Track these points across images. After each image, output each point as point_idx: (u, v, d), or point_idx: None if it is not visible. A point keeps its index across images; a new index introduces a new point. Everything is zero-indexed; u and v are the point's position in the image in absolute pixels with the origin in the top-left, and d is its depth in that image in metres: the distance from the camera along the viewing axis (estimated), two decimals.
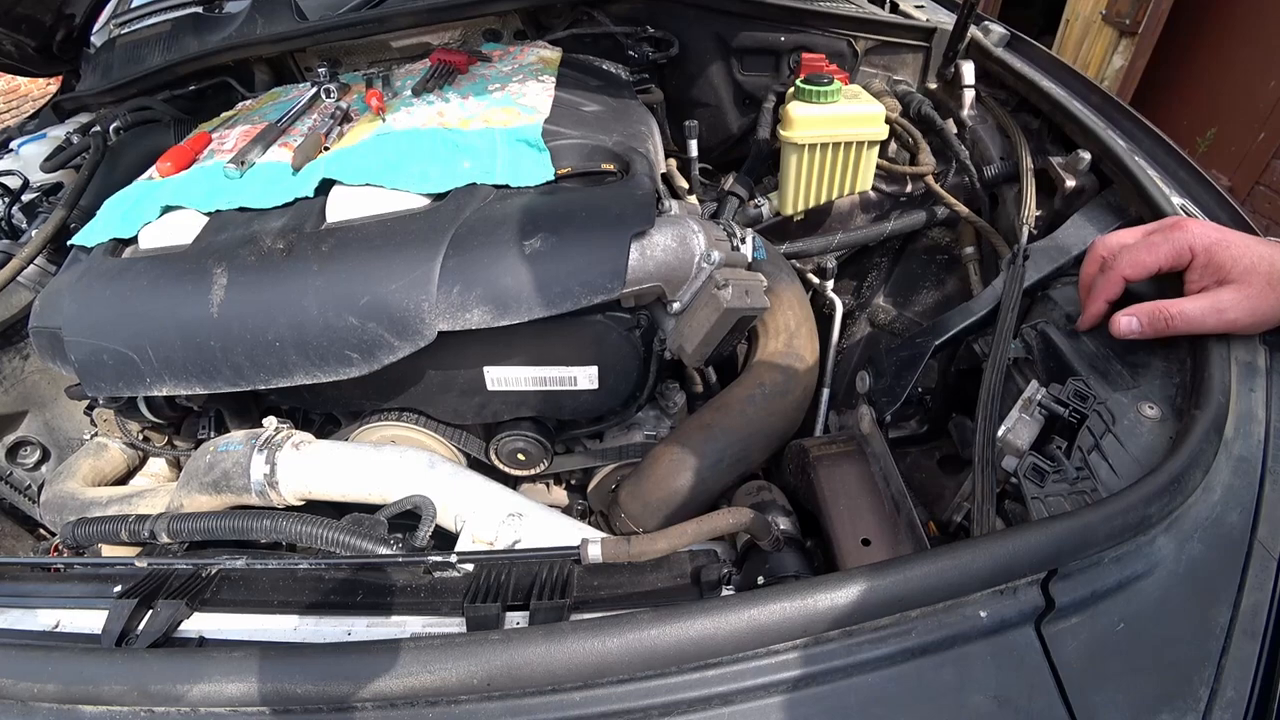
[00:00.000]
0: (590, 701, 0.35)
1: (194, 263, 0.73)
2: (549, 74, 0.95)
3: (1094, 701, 0.39)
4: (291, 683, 0.37)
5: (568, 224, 0.67)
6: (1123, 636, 0.42)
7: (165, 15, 1.42)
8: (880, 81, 1.11)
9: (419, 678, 0.36)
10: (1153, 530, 0.45)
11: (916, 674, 0.37)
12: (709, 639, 0.35)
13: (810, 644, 0.36)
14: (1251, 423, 0.54)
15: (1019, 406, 0.57)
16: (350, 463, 0.72)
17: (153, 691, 0.40)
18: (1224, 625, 0.42)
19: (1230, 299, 0.56)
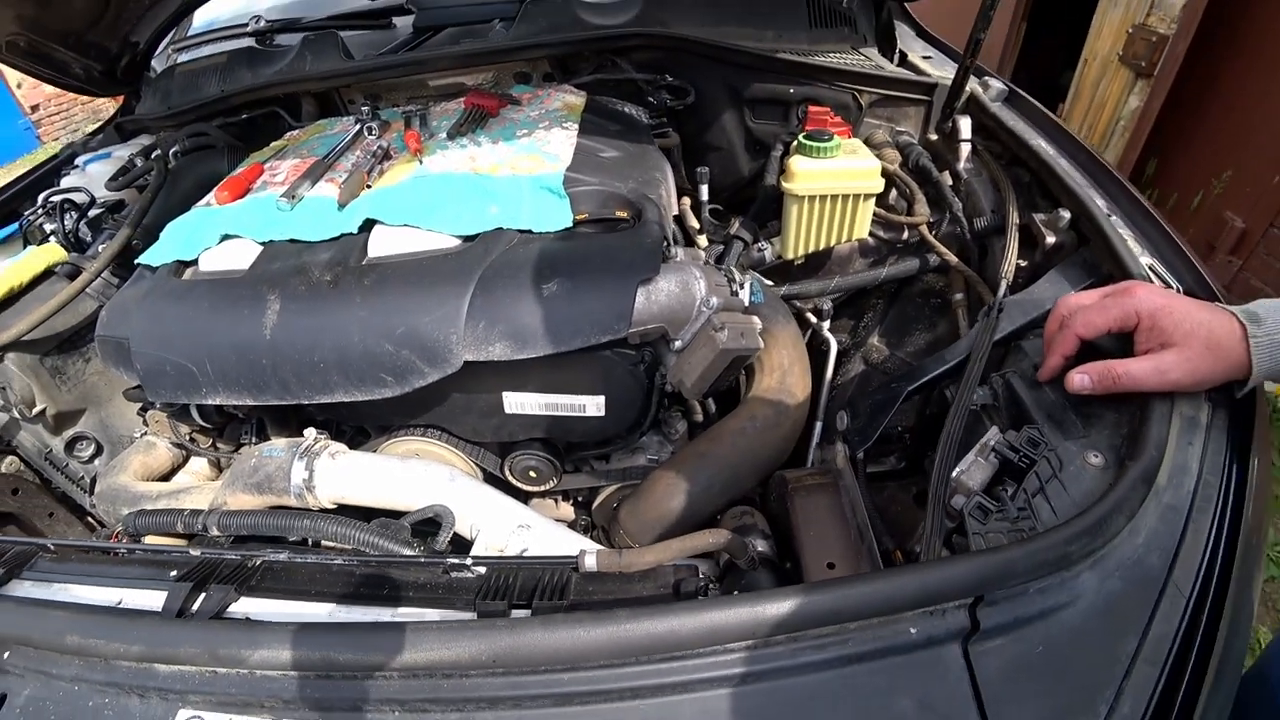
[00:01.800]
0: (574, 681, 0.44)
1: (250, 288, 0.84)
2: (573, 121, 1.05)
3: (1006, 712, 0.46)
4: (335, 652, 0.46)
5: (582, 269, 0.76)
6: (1040, 658, 0.49)
7: (221, 46, 1.57)
8: (883, 132, 1.19)
9: (438, 653, 0.45)
10: (1077, 566, 0.53)
11: (851, 678, 0.45)
12: (672, 634, 0.44)
13: (758, 645, 0.45)
14: (1184, 475, 0.61)
15: (975, 450, 0.65)
16: (380, 473, 0.81)
17: (220, 654, 0.49)
18: (1130, 653, 0.49)
19: (1171, 361, 0.63)
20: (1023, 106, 1.17)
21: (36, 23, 1.33)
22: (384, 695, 0.48)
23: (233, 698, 0.51)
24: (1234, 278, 2.43)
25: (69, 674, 0.56)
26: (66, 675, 0.56)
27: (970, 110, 1.14)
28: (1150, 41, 2.42)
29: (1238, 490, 0.60)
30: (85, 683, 0.56)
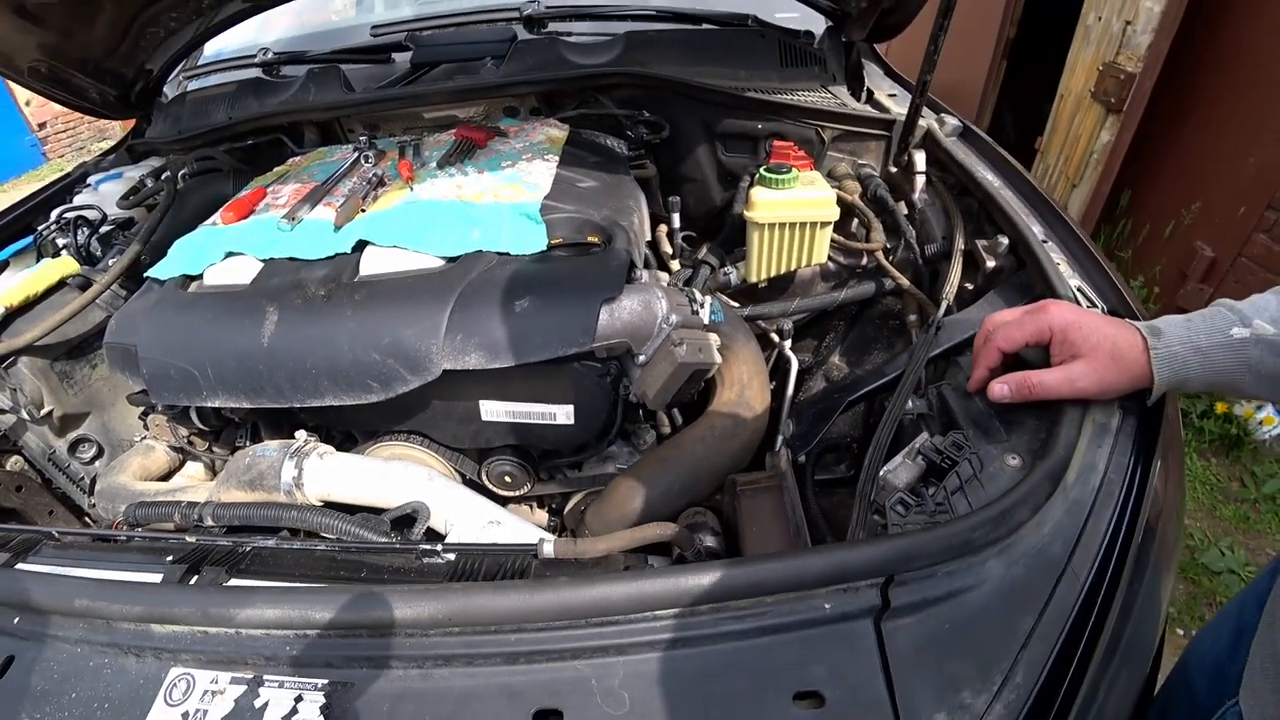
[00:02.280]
0: (520, 642, 0.50)
1: (250, 301, 0.92)
2: (554, 153, 1.14)
3: (910, 681, 0.52)
4: (313, 611, 0.53)
5: (552, 287, 0.84)
6: (946, 635, 0.55)
7: (230, 75, 1.67)
8: (846, 165, 1.29)
9: (402, 612, 0.51)
10: (984, 553, 0.59)
11: (768, 648, 0.52)
12: (605, 599, 0.50)
13: (684, 614, 0.51)
14: (1091, 473, 0.67)
15: (903, 453, 0.72)
16: (364, 473, 0.88)
17: (211, 614, 0.55)
18: (1027, 630, 0.55)
19: (1080, 371, 0.70)
20: (975, 142, 1.26)
21: (58, 50, 1.44)
22: (354, 652, 0.54)
23: (220, 655, 0.57)
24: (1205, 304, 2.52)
25: (73, 636, 0.62)
26: (71, 638, 0.62)
27: (926, 145, 1.24)
28: (1119, 79, 2.54)
29: (1139, 487, 0.67)
30: (87, 644, 0.62)
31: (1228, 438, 2.08)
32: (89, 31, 1.43)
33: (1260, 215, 2.30)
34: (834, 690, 0.50)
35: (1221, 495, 1.94)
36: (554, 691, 0.50)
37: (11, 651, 0.64)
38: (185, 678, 0.57)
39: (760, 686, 0.50)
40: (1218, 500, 1.93)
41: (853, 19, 1.37)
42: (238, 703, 0.54)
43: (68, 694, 0.60)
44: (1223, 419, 2.12)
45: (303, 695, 0.54)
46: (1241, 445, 2.08)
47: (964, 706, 0.49)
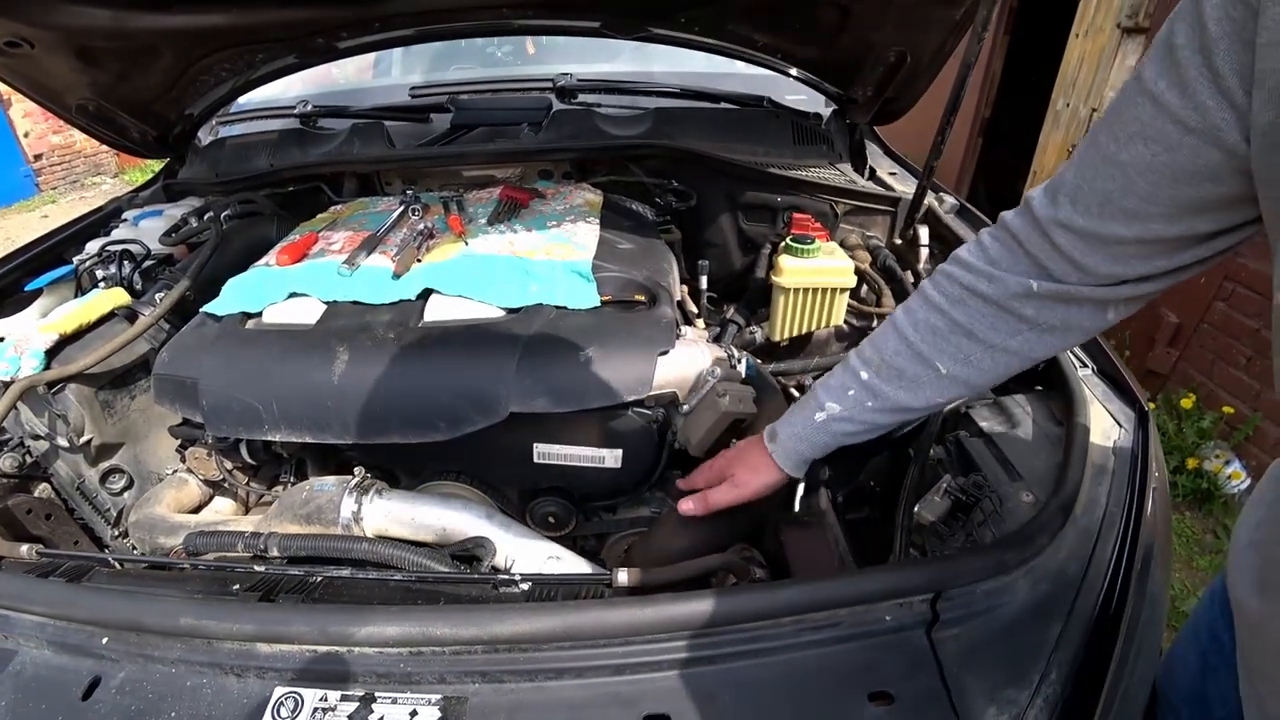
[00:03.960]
0: (628, 654, 0.58)
1: (319, 340, 0.99)
2: (594, 216, 1.27)
3: (965, 682, 0.61)
4: (434, 628, 0.59)
5: (611, 340, 0.94)
6: (987, 641, 0.64)
7: (267, 124, 1.78)
8: (856, 236, 1.44)
9: (520, 627, 0.58)
10: (1013, 573, 0.69)
11: (842, 654, 0.60)
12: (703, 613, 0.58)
13: (770, 626, 0.59)
14: (1095, 506, 0.79)
15: (932, 492, 0.82)
16: (424, 509, 0.94)
17: (330, 632, 0.61)
18: (1055, 636, 0.65)
19: (737, 480, 0.84)
20: (970, 218, 1.43)
21: (110, 91, 1.53)
22: (467, 668, 0.60)
23: (329, 674, 0.62)
24: (1173, 367, 2.75)
25: (171, 656, 0.67)
26: (168, 658, 0.67)
27: (928, 220, 1.40)
28: None
29: (1135, 517, 0.78)
30: (185, 664, 0.66)
31: (1199, 492, 2.26)
32: (144, 76, 1.53)
33: (1219, 285, 2.56)
34: (901, 690, 0.58)
35: (1197, 547, 2.10)
36: (660, 698, 0.57)
37: (98, 673, 0.67)
38: (292, 696, 0.62)
39: (839, 688, 0.58)
40: (1194, 552, 2.08)
41: (858, 104, 1.55)
42: (350, 719, 0.60)
43: (165, 713, 0.63)
44: (1194, 474, 2.29)
45: (417, 710, 0.59)
46: (1213, 499, 2.25)
47: (1011, 701, 0.58)
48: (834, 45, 1.44)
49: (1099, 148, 0.57)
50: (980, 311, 0.68)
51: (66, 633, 0.69)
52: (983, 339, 0.69)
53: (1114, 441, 0.88)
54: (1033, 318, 0.66)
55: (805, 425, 0.80)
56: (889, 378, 0.74)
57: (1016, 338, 0.68)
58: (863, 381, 0.75)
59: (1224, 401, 2.57)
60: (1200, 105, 0.48)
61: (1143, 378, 2.84)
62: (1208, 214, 0.54)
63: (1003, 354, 0.69)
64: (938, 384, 0.72)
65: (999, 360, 0.70)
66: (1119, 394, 0.97)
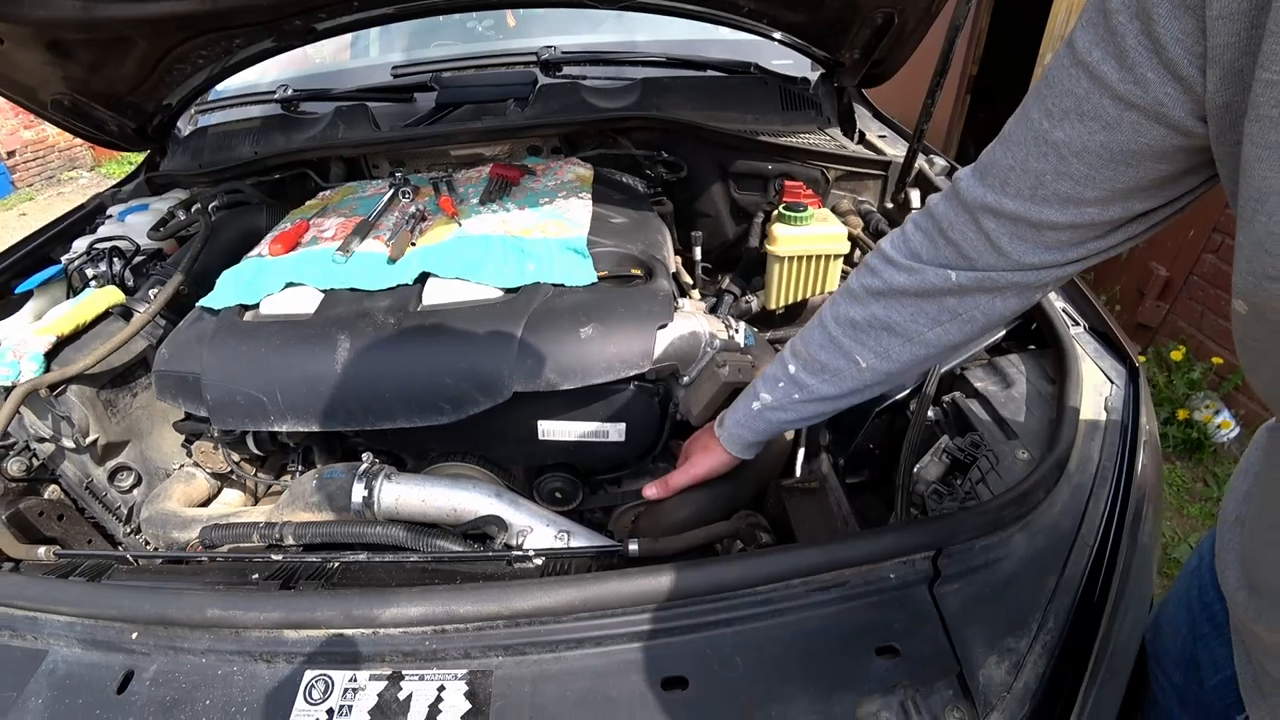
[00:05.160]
0: (643, 622, 0.59)
1: (320, 329, 0.99)
2: (586, 191, 1.26)
3: (966, 633, 0.63)
4: (457, 606, 0.61)
5: (611, 316, 0.94)
6: (988, 595, 0.67)
7: (247, 110, 1.74)
8: (848, 201, 1.44)
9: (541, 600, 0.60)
10: (1010, 528, 0.71)
11: (850, 611, 0.62)
12: (719, 579, 0.60)
13: (780, 588, 0.61)
14: (1088, 462, 0.80)
15: (930, 453, 0.84)
16: (434, 490, 0.96)
17: (355, 615, 0.63)
18: (1051, 588, 0.67)
19: (693, 463, 0.89)
20: None
21: (85, 84, 1.49)
22: (490, 643, 0.62)
23: (355, 655, 0.64)
24: (1163, 320, 2.78)
25: (200, 647, 0.68)
26: (198, 649, 0.68)
27: (919, 183, 1.40)
28: None
29: (1127, 471, 0.80)
30: (215, 653, 0.68)
31: (1190, 442, 2.31)
32: (118, 67, 1.50)
33: (1207, 237, 2.58)
34: (906, 644, 0.60)
35: (1188, 495, 2.15)
36: (677, 662, 0.59)
37: (130, 666, 0.69)
38: (322, 679, 0.64)
39: (847, 644, 0.60)
40: (1184, 500, 2.13)
41: (845, 67, 1.54)
42: (381, 697, 0.61)
43: (200, 701, 0.65)
44: (1184, 424, 2.34)
45: (445, 685, 0.61)
46: (1203, 448, 2.30)
47: (1010, 649, 0.60)
48: (821, 8, 1.42)
49: (1031, 124, 0.51)
50: (899, 305, 0.66)
51: (95, 630, 0.71)
52: (902, 333, 0.67)
53: (1106, 398, 0.90)
54: (954, 308, 0.64)
55: (745, 414, 0.83)
56: (813, 370, 0.74)
57: (935, 329, 0.66)
58: (790, 375, 0.76)
59: (1213, 352, 2.61)
60: (1140, 78, 0.42)
61: (1133, 331, 2.87)
62: (1147, 193, 0.49)
63: (920, 346, 0.67)
64: (858, 377, 0.72)
65: (916, 353, 0.68)
66: (1110, 351, 0.99)
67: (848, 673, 0.59)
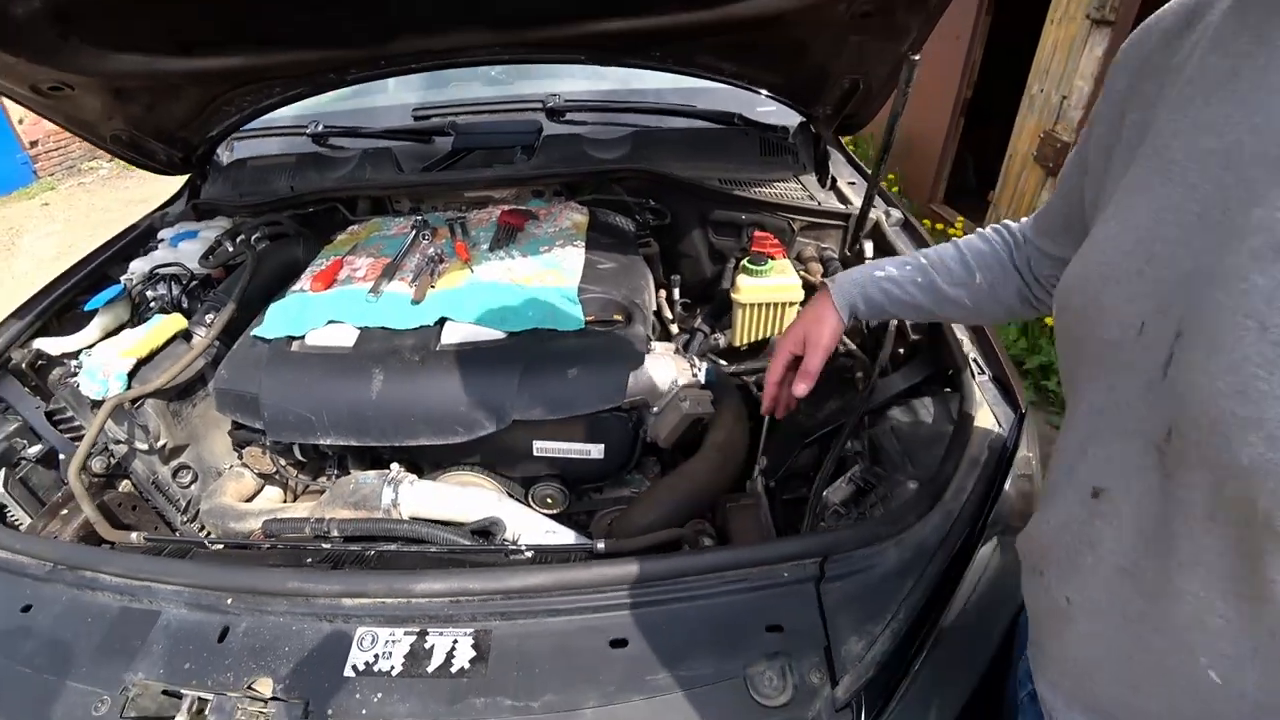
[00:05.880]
0: (600, 599, 0.88)
1: (358, 362, 1.28)
2: (580, 239, 1.53)
3: (837, 619, 0.91)
4: (469, 583, 0.89)
5: (593, 359, 1.23)
6: (859, 592, 0.94)
7: (280, 143, 2.03)
8: (812, 248, 1.70)
9: (527, 581, 0.89)
10: (885, 543, 0.98)
11: (752, 599, 0.90)
12: (655, 570, 0.88)
13: (702, 579, 0.89)
14: (961, 493, 1.07)
15: (842, 479, 1.12)
16: (448, 495, 1.24)
17: (395, 587, 0.91)
18: (908, 589, 0.95)
19: (817, 340, 1.04)
20: (913, 233, 1.69)
21: (141, 122, 1.79)
22: (491, 610, 0.91)
23: (395, 617, 0.93)
24: None
25: (279, 610, 0.97)
26: (278, 611, 0.97)
27: (874, 235, 1.66)
28: (1056, 146, 3.06)
29: (991, 501, 1.07)
30: (291, 615, 0.97)
31: None
32: (171, 108, 1.79)
33: None
34: (790, 624, 0.88)
35: None
36: (622, 629, 0.87)
37: (226, 624, 0.98)
38: (370, 633, 0.93)
39: (747, 622, 0.88)
40: None
41: (820, 119, 1.80)
42: (412, 647, 0.90)
43: (281, 649, 0.94)
44: None
45: (458, 639, 0.90)
46: None
47: (868, 631, 0.88)
48: (794, 74, 1.69)
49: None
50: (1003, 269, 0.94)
51: (199, 596, 1.00)
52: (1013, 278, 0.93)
53: (990, 440, 1.16)
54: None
55: (863, 274, 1.02)
56: (940, 269, 0.97)
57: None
58: (920, 264, 0.99)
59: None
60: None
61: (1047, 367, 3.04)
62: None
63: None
64: (969, 290, 0.96)
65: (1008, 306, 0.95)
66: (1005, 397, 1.26)
67: (744, 642, 0.87)
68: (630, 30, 1.53)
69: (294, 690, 0.88)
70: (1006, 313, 0.98)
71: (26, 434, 1.48)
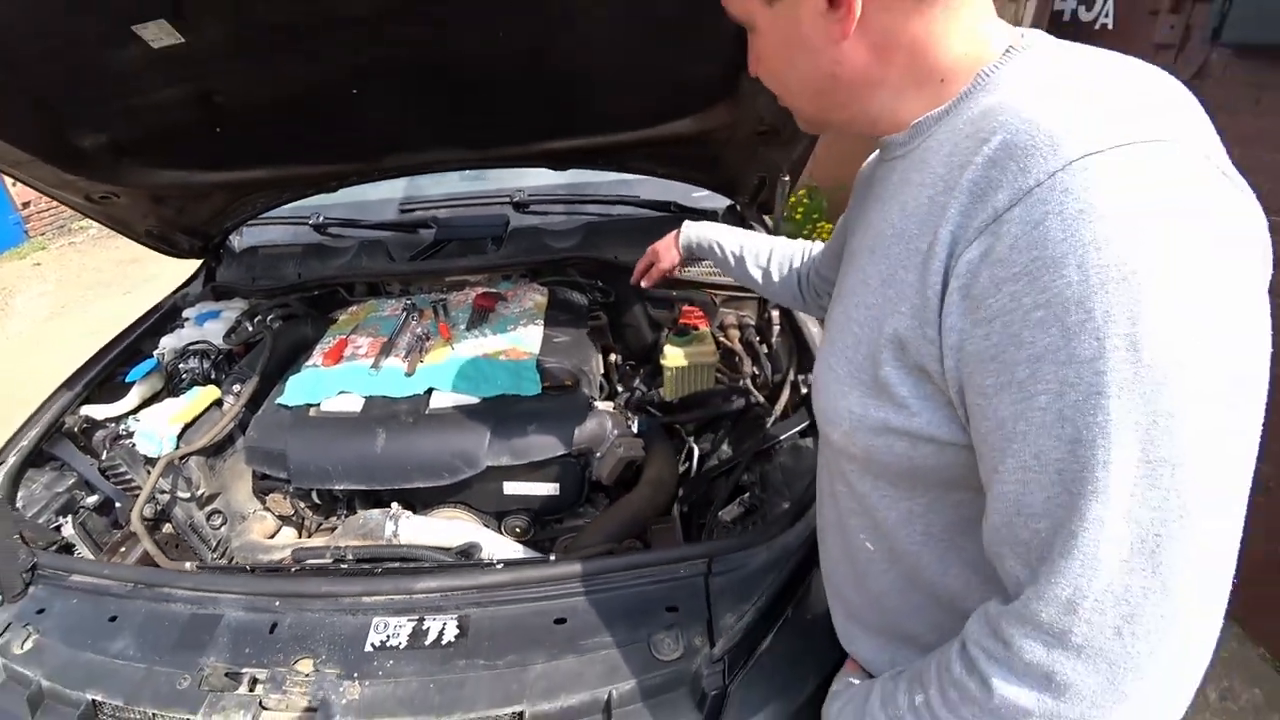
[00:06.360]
0: (546, 591, 1.30)
1: (365, 424, 1.71)
2: (540, 318, 1.99)
3: (719, 602, 1.33)
4: (453, 580, 1.31)
5: (549, 418, 1.67)
6: (735, 584, 1.37)
7: (285, 230, 2.49)
8: (732, 316, 2.17)
9: (494, 578, 1.31)
10: (756, 548, 1.41)
11: (657, 588, 1.32)
12: (586, 569, 1.31)
13: (620, 574, 1.32)
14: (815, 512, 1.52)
15: (734, 503, 1.55)
16: (437, 526, 1.66)
17: (401, 585, 1.33)
18: (770, 581, 1.38)
19: (662, 257, 1.63)
20: None
21: (173, 220, 2.24)
22: (469, 600, 1.32)
23: (401, 609, 1.34)
24: None
25: (317, 607, 1.38)
26: (315, 608, 1.38)
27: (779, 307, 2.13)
28: None
29: None
30: (325, 611, 1.37)
31: None
32: (199, 209, 2.25)
33: None
34: (684, 605, 1.31)
35: None
36: (561, 611, 1.29)
37: (275, 620, 1.39)
38: (382, 621, 1.34)
39: (652, 604, 1.30)
40: None
41: (744, 203, 2.30)
42: (414, 629, 1.31)
43: (318, 635, 1.35)
44: None
45: (446, 623, 1.31)
46: None
47: (740, 609, 1.30)
48: (714, 174, 2.19)
49: None
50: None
51: (254, 601, 1.40)
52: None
53: None
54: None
55: (708, 228, 1.50)
56: (757, 254, 1.40)
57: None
58: (748, 243, 1.40)
59: None
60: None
61: None
62: None
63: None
64: (764, 275, 1.40)
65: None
66: None
67: (649, 618, 1.29)
68: (577, 147, 2.03)
69: (329, 661, 1.28)
70: (786, 301, 1.46)
71: (83, 486, 1.89)
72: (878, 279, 0.72)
